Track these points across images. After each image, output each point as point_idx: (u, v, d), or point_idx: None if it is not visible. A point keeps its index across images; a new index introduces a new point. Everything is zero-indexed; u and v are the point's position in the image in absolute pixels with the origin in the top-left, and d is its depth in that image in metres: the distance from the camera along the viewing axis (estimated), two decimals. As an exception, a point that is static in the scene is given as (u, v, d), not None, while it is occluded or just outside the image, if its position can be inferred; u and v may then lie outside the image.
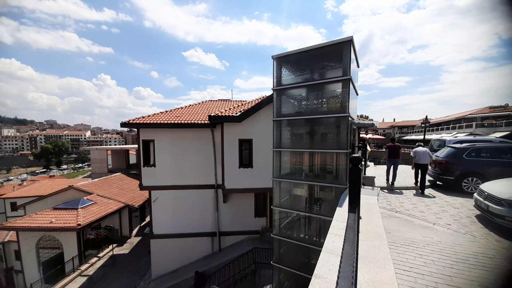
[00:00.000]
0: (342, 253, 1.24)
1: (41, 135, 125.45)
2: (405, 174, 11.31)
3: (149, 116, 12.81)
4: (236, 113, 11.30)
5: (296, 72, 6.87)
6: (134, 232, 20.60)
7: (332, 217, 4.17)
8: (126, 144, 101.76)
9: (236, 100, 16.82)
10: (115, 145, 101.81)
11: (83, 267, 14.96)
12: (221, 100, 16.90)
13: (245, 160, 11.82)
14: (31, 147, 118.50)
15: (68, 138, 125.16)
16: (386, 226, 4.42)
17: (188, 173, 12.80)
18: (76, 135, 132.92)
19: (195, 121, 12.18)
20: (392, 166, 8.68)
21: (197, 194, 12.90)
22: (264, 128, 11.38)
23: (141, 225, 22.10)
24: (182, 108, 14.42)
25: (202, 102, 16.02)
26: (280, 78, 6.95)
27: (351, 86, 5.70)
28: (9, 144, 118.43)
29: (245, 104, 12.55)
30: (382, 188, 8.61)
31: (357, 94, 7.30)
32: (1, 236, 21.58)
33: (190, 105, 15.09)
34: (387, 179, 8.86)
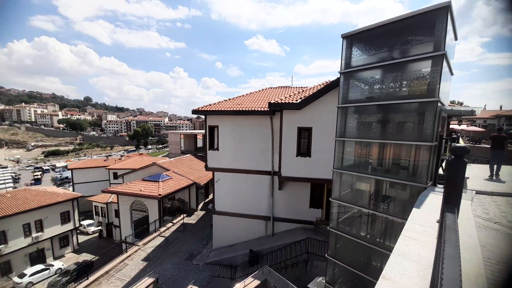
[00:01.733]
0: (440, 256, 1.03)
1: (133, 120, 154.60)
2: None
3: (215, 103, 13.88)
4: (296, 100, 10.98)
5: (370, 51, 6.03)
6: (200, 206, 23.46)
7: (403, 218, 3.62)
8: (194, 130, 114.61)
9: (296, 87, 16.32)
10: (186, 130, 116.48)
11: (162, 229, 18.14)
12: (281, 87, 16.70)
13: (303, 149, 11.51)
14: (127, 130, 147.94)
15: (152, 123, 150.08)
16: (480, 238, 3.54)
17: (247, 158, 13.44)
18: (157, 121, 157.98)
19: (255, 108, 12.50)
20: (495, 159, 7.06)
21: (254, 178, 13.48)
22: (325, 116, 10.72)
23: (205, 201, 24.92)
24: (243, 96, 15.01)
25: (262, 90, 16.22)
26: (349, 60, 6.27)
27: (444, 64, 4.62)
28: (112, 127, 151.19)
29: (305, 90, 12.02)
30: (478, 192, 6.94)
31: (452, 74, 5.90)
32: (105, 198, 28.25)
33: (251, 92, 15.54)
34: (491, 175, 7.22)
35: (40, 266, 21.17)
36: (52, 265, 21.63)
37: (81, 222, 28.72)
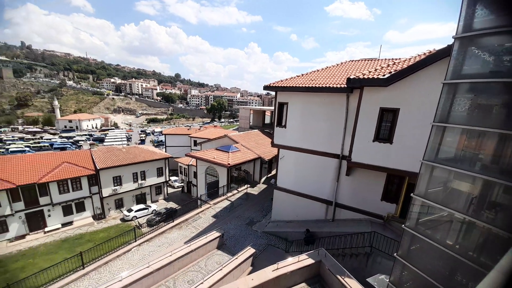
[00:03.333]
0: None
1: (211, 95, 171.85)
2: None
3: (286, 79, 13.54)
4: (383, 75, 9.37)
5: (503, 9, 4.29)
6: (262, 180, 24.77)
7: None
8: (263, 106, 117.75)
9: (384, 59, 13.87)
10: (255, 106, 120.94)
11: (228, 195, 20.36)
12: (364, 59, 14.51)
13: (384, 134, 10.02)
14: (205, 103, 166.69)
15: (226, 98, 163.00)
16: None
17: (314, 138, 12.87)
18: (231, 96, 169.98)
19: (329, 85, 11.48)
20: None
21: (319, 160, 12.93)
22: (419, 96, 8.81)
23: (268, 175, 26.04)
24: (317, 71, 13.94)
25: (340, 63, 14.55)
26: (470, 21, 4.67)
27: None
28: (194, 101, 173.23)
29: (397, 63, 10.02)
30: None
31: None
32: (187, 161, 33.44)
33: (327, 67, 14.21)
34: None
35: (142, 206, 28.09)
36: (150, 206, 28.22)
37: (170, 178, 35.51)
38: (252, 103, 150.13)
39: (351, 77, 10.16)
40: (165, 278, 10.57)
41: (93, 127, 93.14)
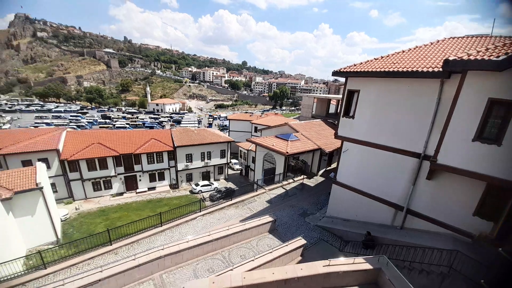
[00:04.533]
0: None
1: (274, 82, 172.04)
2: None
3: (361, 63, 11.98)
4: (497, 57, 7.12)
5: None
6: (320, 172, 23.68)
7: None
8: (329, 94, 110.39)
9: (499, 36, 10.48)
10: (320, 93, 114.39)
11: (284, 183, 20.43)
12: (469, 36, 11.29)
13: (490, 132, 7.75)
14: (268, 90, 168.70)
15: (289, 86, 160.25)
16: None
17: (388, 132, 11.18)
18: (294, 83, 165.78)
19: (417, 69, 9.49)
20: None
21: (391, 158, 11.23)
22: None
23: (327, 168, 24.68)
24: (402, 52, 11.66)
25: (436, 42, 11.70)
26: None
27: None
28: (258, 88, 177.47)
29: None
30: None
31: None
32: (247, 146, 35.04)
33: (416, 47, 11.68)
34: None
35: (206, 182, 31.56)
36: (213, 184, 31.42)
37: (231, 160, 38.32)
38: (317, 90, 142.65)
39: (451, 58, 8.07)
40: (221, 248, 11.72)
41: (173, 110, 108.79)
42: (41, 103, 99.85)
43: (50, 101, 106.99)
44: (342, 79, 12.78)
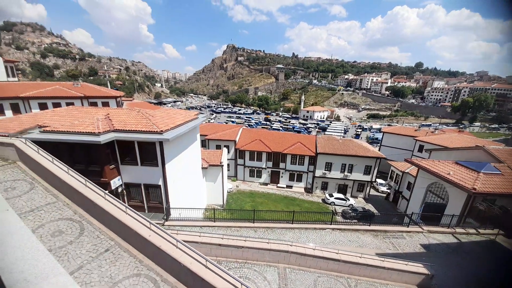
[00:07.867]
0: None
1: (466, 87, 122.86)
2: None
3: None
4: None
5: None
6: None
7: None
8: None
9: None
10: None
11: (458, 230, 14.24)
12: None
13: None
14: (452, 99, 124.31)
15: (493, 93, 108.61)
16: None
17: None
18: (504, 90, 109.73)
19: None
20: None
21: None
22: None
23: None
24: None
25: None
26: None
27: None
28: (435, 95, 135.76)
29: None
30: None
31: None
32: (404, 167, 28.10)
33: None
34: None
35: (341, 196, 29.18)
36: (348, 199, 28.52)
37: (376, 179, 32.83)
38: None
39: None
40: (348, 274, 10.37)
41: (321, 118, 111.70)
42: (231, 107, 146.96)
43: (237, 106, 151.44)
44: None
